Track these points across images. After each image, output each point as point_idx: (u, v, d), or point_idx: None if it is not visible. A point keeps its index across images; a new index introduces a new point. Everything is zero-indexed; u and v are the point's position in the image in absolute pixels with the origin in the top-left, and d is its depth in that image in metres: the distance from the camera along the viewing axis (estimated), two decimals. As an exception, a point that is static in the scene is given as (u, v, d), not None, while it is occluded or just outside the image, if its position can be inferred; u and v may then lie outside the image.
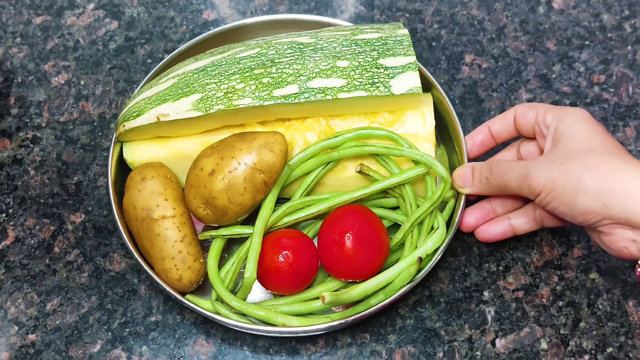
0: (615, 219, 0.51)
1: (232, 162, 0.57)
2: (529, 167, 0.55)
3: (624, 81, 0.76)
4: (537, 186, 0.54)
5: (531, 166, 0.55)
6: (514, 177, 0.56)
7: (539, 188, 0.54)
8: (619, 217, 0.51)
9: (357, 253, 0.57)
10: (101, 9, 0.81)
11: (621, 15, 0.80)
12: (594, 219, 0.52)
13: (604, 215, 0.51)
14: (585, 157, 0.53)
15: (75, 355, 0.60)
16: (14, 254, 0.65)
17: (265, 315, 0.57)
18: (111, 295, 0.63)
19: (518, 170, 0.55)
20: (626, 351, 0.60)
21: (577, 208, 0.52)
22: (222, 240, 0.62)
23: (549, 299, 0.63)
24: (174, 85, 0.62)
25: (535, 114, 0.59)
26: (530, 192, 0.55)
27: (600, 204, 0.51)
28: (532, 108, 0.60)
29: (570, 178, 0.52)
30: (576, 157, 0.53)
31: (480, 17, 0.81)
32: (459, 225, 0.63)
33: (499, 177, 0.57)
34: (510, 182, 0.56)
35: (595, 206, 0.51)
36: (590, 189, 0.51)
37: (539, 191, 0.54)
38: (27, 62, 0.77)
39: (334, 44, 0.62)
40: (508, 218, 0.62)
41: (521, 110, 0.61)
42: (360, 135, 0.61)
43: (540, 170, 0.54)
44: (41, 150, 0.71)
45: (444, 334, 0.61)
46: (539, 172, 0.54)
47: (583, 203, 0.52)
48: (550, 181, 0.53)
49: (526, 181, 0.54)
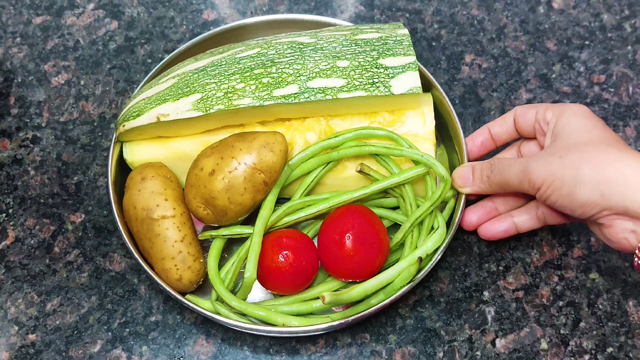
0: (614, 210, 0.51)
1: (232, 162, 0.57)
2: (529, 162, 0.55)
3: (624, 81, 0.76)
4: (536, 180, 0.54)
5: (530, 161, 0.55)
6: (514, 173, 0.56)
7: (538, 182, 0.54)
8: (618, 207, 0.51)
9: (357, 253, 0.57)
10: (101, 9, 0.81)
11: (621, 15, 0.80)
12: (593, 210, 0.52)
13: (603, 206, 0.51)
14: (583, 150, 0.53)
15: (75, 355, 0.60)
16: (14, 254, 0.65)
17: (265, 315, 0.57)
18: (111, 295, 0.63)
19: (518, 167, 0.56)
20: (626, 351, 0.60)
21: (576, 200, 0.52)
22: (222, 240, 0.62)
23: (549, 299, 0.63)
24: (174, 85, 0.62)
25: (535, 113, 0.60)
26: (531, 186, 0.55)
27: (598, 194, 0.51)
28: (532, 107, 0.61)
29: (568, 170, 0.52)
30: (574, 150, 0.53)
31: (480, 17, 0.81)
32: (461, 223, 0.63)
33: (499, 174, 0.57)
34: (511, 178, 0.56)
35: (594, 197, 0.51)
36: (589, 180, 0.51)
37: (539, 185, 0.54)
38: (27, 62, 0.77)
39: (334, 44, 0.62)
40: (511, 216, 0.62)
41: (521, 111, 0.61)
42: (360, 135, 0.61)
43: (540, 164, 0.54)
44: (41, 150, 0.71)
45: (444, 334, 0.61)
46: (538, 166, 0.54)
47: (582, 194, 0.52)
48: (549, 174, 0.53)
49: (526, 176, 0.55)
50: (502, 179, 0.57)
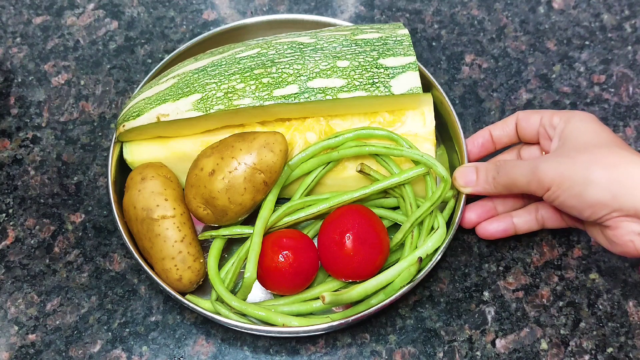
0: (625, 211, 0.51)
1: (232, 162, 0.57)
2: (538, 163, 0.55)
3: (624, 81, 0.76)
4: (546, 180, 0.54)
5: (540, 161, 0.55)
6: (522, 174, 0.56)
7: (548, 182, 0.54)
8: (629, 208, 0.51)
9: (357, 253, 0.57)
10: (101, 9, 0.81)
11: (621, 15, 0.80)
12: (602, 211, 0.52)
13: (613, 207, 0.51)
14: (594, 151, 0.53)
15: (75, 356, 0.60)
16: (14, 254, 0.65)
17: (265, 315, 0.57)
18: (111, 295, 0.63)
19: (526, 167, 0.56)
20: (626, 351, 0.60)
21: (586, 200, 0.52)
22: (222, 240, 0.62)
23: (549, 299, 0.63)
24: (174, 85, 0.62)
25: (540, 118, 0.60)
26: (540, 187, 0.55)
27: (610, 195, 0.51)
28: (536, 113, 0.61)
29: (579, 170, 0.52)
30: (585, 151, 0.53)
31: (481, 17, 0.81)
32: (460, 221, 0.63)
33: (506, 175, 0.57)
34: (518, 179, 0.56)
35: (605, 198, 0.51)
36: (600, 180, 0.51)
37: (548, 185, 0.54)
38: (27, 62, 0.77)
39: (334, 44, 0.62)
40: (510, 216, 0.62)
41: (524, 115, 0.62)
42: (361, 135, 0.61)
43: (550, 165, 0.54)
44: (41, 150, 0.71)
45: (444, 334, 0.61)
46: (548, 166, 0.54)
47: (592, 195, 0.52)
48: (560, 175, 0.53)
49: (535, 176, 0.54)
50: (509, 180, 0.57)
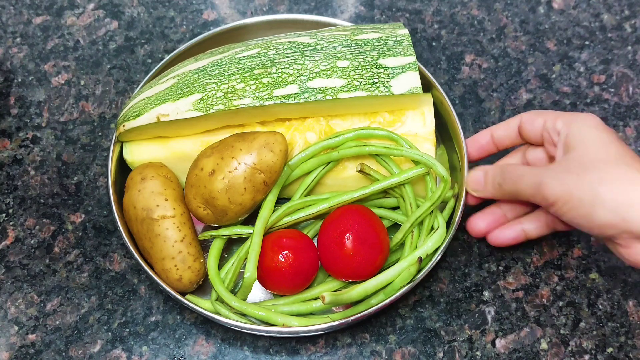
0: (635, 234, 0.50)
1: (232, 162, 0.57)
2: (543, 177, 0.54)
3: (624, 81, 0.76)
4: (551, 197, 0.53)
5: (545, 175, 0.54)
6: (527, 185, 0.55)
7: (553, 198, 0.53)
8: (639, 231, 0.50)
9: (357, 253, 0.57)
10: (101, 9, 0.81)
11: (621, 15, 0.80)
12: (612, 231, 0.51)
13: (623, 229, 0.50)
14: (602, 169, 0.52)
15: (75, 356, 0.60)
16: (14, 254, 0.65)
17: (265, 315, 0.57)
18: (111, 295, 0.63)
19: (532, 179, 0.54)
20: (626, 351, 0.60)
21: (595, 221, 0.51)
22: (222, 240, 0.62)
23: (549, 299, 0.63)
24: (174, 85, 0.62)
25: (544, 121, 0.58)
26: (544, 202, 0.54)
27: (619, 218, 0.50)
28: (540, 115, 0.59)
29: (586, 190, 0.51)
30: (592, 168, 0.52)
31: (480, 17, 0.81)
32: (468, 230, 0.63)
33: (512, 184, 0.56)
34: (523, 190, 0.55)
35: (614, 220, 0.50)
36: (608, 202, 0.50)
37: (553, 202, 0.53)
38: (27, 62, 0.77)
39: (334, 44, 0.62)
40: (520, 223, 0.61)
41: (527, 118, 0.60)
42: (360, 135, 0.61)
43: (555, 181, 0.53)
44: (41, 150, 0.71)
45: (444, 334, 0.61)
46: (553, 181, 0.53)
47: (601, 216, 0.51)
48: (566, 192, 0.52)
49: (540, 191, 0.53)
50: (514, 189, 0.56)
